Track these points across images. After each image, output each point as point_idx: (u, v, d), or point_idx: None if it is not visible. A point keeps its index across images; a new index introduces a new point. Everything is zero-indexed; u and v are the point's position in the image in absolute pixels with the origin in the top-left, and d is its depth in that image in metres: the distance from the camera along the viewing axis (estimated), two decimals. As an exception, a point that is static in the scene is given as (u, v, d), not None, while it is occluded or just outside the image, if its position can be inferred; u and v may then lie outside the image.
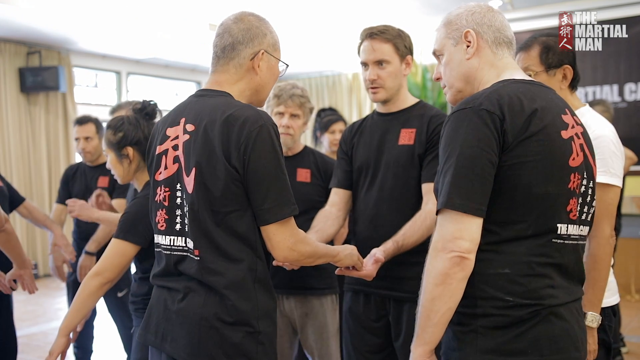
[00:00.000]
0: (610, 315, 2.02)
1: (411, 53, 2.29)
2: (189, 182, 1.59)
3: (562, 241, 1.43)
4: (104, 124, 2.37)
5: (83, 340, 3.66)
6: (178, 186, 1.64)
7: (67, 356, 2.05)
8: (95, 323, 3.72)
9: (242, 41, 1.66)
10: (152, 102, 2.28)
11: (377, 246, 2.11)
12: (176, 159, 1.65)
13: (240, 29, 1.67)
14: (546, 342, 1.37)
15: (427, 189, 2.18)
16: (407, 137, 2.25)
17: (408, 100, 2.33)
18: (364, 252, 2.04)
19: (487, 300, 1.38)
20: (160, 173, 1.69)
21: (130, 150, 2.22)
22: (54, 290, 6.98)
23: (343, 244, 2.89)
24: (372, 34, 2.24)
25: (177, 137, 1.66)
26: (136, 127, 2.22)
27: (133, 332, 2.25)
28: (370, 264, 2.02)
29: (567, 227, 1.44)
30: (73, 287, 3.55)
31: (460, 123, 1.39)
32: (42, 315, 5.92)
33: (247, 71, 1.69)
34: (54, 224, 3.33)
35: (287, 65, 1.78)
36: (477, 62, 1.54)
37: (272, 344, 1.62)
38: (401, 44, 2.25)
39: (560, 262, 1.43)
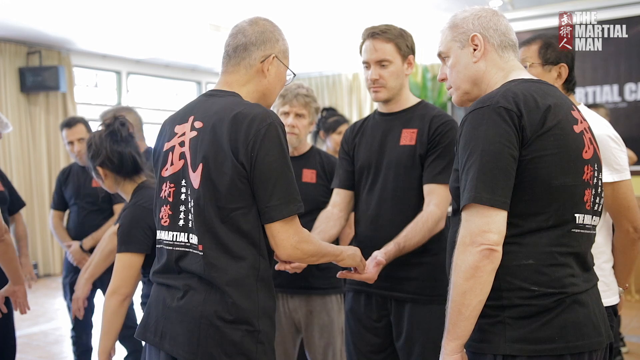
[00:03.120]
0: (611, 314, 2.03)
1: (413, 53, 2.29)
2: (195, 177, 1.60)
3: (579, 231, 1.48)
4: (99, 124, 2.35)
5: (82, 339, 3.66)
6: (183, 182, 1.65)
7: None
8: (93, 323, 3.71)
9: (255, 43, 1.71)
10: (120, 121, 2.22)
11: (378, 247, 2.11)
12: (182, 155, 1.66)
13: (255, 31, 1.72)
14: (572, 328, 1.42)
15: (429, 190, 2.18)
16: (408, 137, 2.24)
17: (410, 100, 2.33)
18: (365, 253, 2.04)
19: (512, 292, 1.42)
20: (167, 169, 1.70)
21: (100, 170, 2.22)
22: (54, 290, 6.98)
23: (349, 244, 2.88)
24: (374, 34, 2.24)
25: (184, 134, 1.68)
26: (99, 148, 2.19)
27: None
28: (371, 267, 2.02)
29: (584, 217, 1.49)
30: (70, 287, 3.57)
31: (479, 121, 1.42)
32: (42, 315, 5.91)
33: (257, 73, 1.72)
34: (24, 248, 3.48)
35: (295, 75, 1.82)
36: (484, 65, 1.59)
37: (270, 344, 1.63)
38: (403, 43, 2.25)
39: (578, 251, 1.48)
